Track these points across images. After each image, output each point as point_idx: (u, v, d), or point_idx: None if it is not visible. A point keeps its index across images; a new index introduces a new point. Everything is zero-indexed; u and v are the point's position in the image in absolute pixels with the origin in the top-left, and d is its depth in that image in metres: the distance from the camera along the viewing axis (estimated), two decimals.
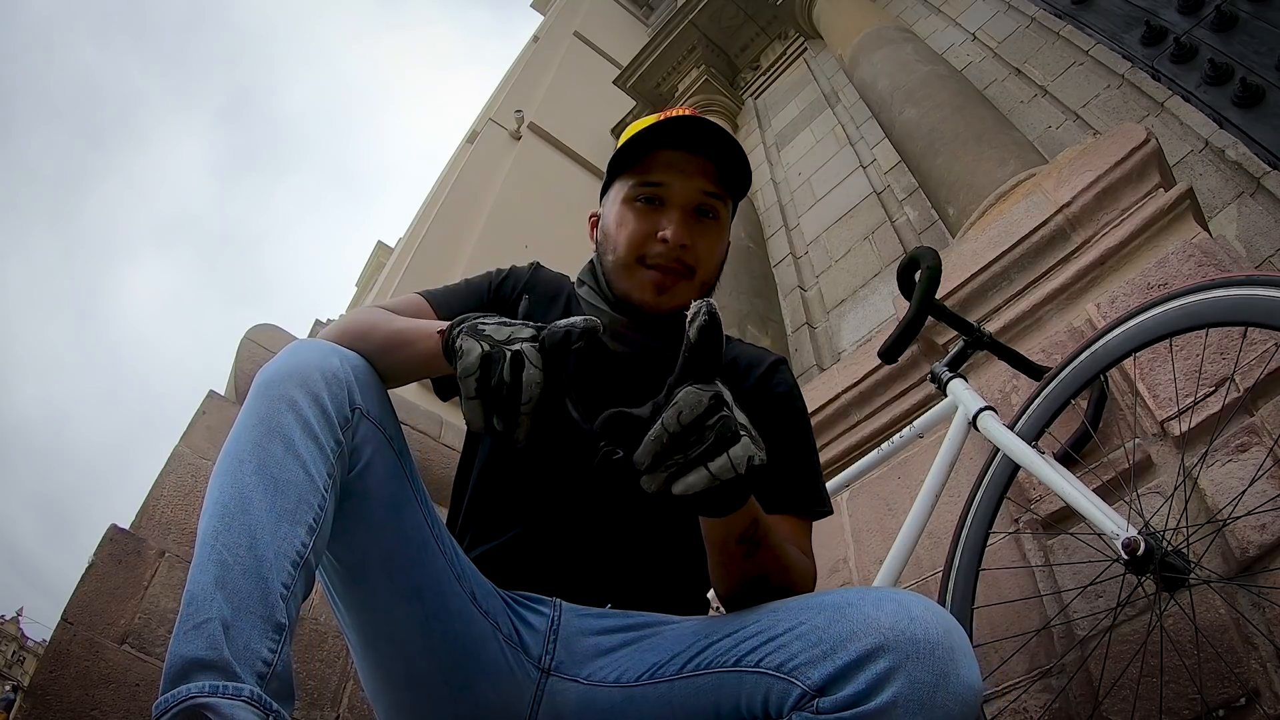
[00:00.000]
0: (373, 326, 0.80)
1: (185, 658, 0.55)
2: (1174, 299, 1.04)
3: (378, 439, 0.73)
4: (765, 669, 0.63)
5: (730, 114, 4.57)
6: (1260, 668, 0.98)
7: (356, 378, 0.73)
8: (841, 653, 0.58)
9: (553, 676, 0.75)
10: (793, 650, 0.61)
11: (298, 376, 0.69)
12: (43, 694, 1.19)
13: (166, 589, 1.41)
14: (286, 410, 0.67)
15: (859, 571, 1.63)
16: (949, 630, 0.59)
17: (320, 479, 0.66)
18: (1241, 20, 2.27)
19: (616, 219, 0.89)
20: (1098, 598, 1.16)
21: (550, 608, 0.79)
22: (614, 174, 0.92)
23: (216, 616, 0.57)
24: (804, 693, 0.59)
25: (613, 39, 6.82)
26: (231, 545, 0.61)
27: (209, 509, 0.64)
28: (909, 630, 0.58)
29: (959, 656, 0.58)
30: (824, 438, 2.02)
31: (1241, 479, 1.08)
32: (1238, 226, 2.02)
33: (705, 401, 0.58)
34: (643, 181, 0.87)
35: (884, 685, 0.56)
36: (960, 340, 1.39)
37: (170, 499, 1.56)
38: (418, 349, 0.76)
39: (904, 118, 2.82)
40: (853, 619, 0.60)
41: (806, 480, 0.88)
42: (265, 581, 0.60)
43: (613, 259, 0.89)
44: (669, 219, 0.85)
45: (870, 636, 0.58)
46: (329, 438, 0.68)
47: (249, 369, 1.92)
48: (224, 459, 0.67)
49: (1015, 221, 1.80)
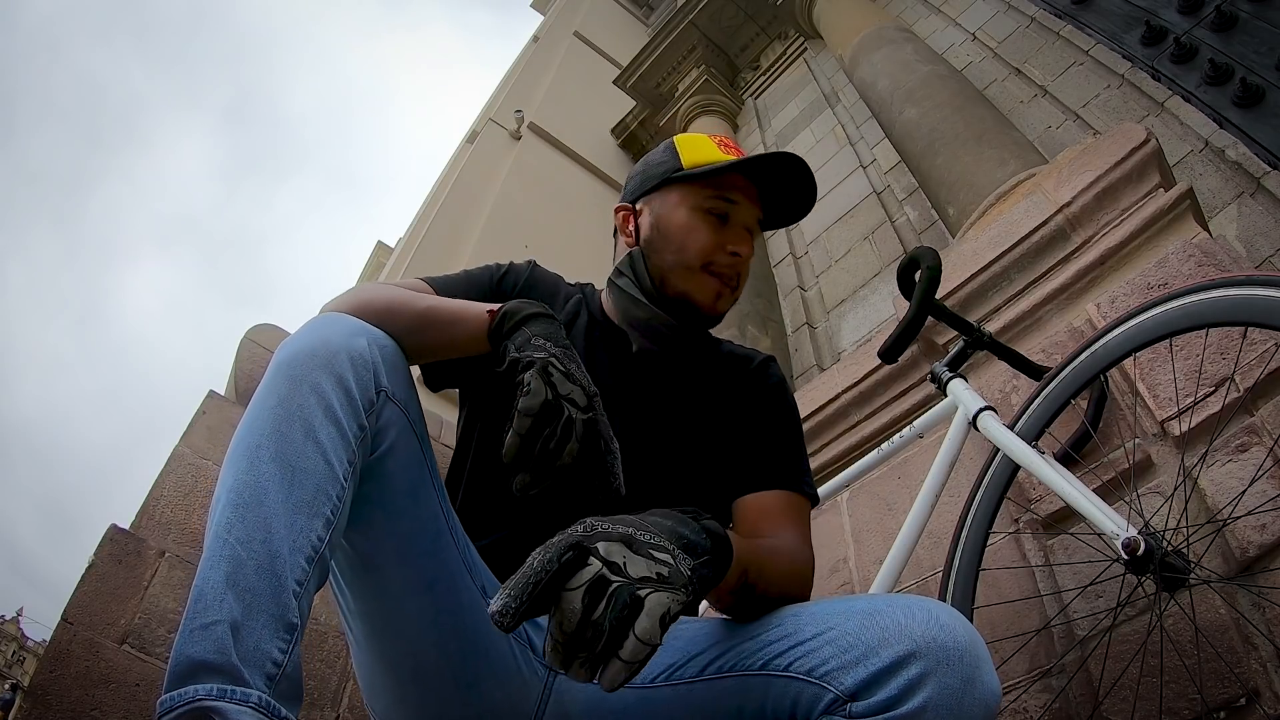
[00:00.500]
0: (400, 303, 0.79)
1: (191, 659, 0.54)
2: (1174, 299, 1.04)
3: (402, 422, 0.72)
4: (795, 673, 0.63)
5: (730, 114, 4.58)
6: (1260, 668, 0.98)
7: (384, 358, 0.71)
8: (874, 659, 0.59)
9: (561, 675, 0.74)
10: (824, 655, 0.62)
11: (322, 356, 0.67)
12: (43, 694, 1.19)
13: (167, 589, 1.41)
14: (309, 392, 0.65)
15: (859, 571, 1.63)
16: (974, 639, 0.60)
17: (340, 467, 0.65)
18: (1241, 20, 2.27)
19: (685, 224, 0.91)
20: (1098, 598, 1.16)
21: None
22: (674, 180, 0.94)
23: (225, 619, 0.55)
24: (836, 697, 0.60)
25: (613, 39, 6.82)
26: (245, 539, 0.59)
27: (223, 498, 0.62)
28: (940, 638, 0.59)
29: (982, 664, 0.59)
30: (824, 438, 2.02)
31: (1241, 479, 1.07)
32: (1238, 226, 2.02)
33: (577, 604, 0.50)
34: (720, 196, 0.91)
35: (915, 691, 0.57)
36: (960, 340, 1.39)
37: (170, 499, 1.56)
38: (458, 330, 0.77)
39: (904, 118, 2.82)
40: (885, 625, 0.60)
41: (794, 461, 0.91)
42: (279, 579, 0.58)
43: (675, 260, 0.91)
44: (737, 236, 0.92)
45: (902, 643, 0.59)
46: (352, 422, 0.66)
47: (249, 369, 1.91)
48: (240, 442, 0.65)
49: (1015, 221, 1.80)
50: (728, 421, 0.91)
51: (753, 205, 0.93)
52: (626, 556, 0.53)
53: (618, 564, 0.52)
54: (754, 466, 0.88)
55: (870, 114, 3.38)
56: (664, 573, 0.54)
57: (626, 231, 0.96)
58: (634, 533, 0.55)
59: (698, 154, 0.93)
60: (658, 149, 1.00)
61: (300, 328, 0.72)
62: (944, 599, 1.17)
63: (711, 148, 0.93)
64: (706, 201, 0.91)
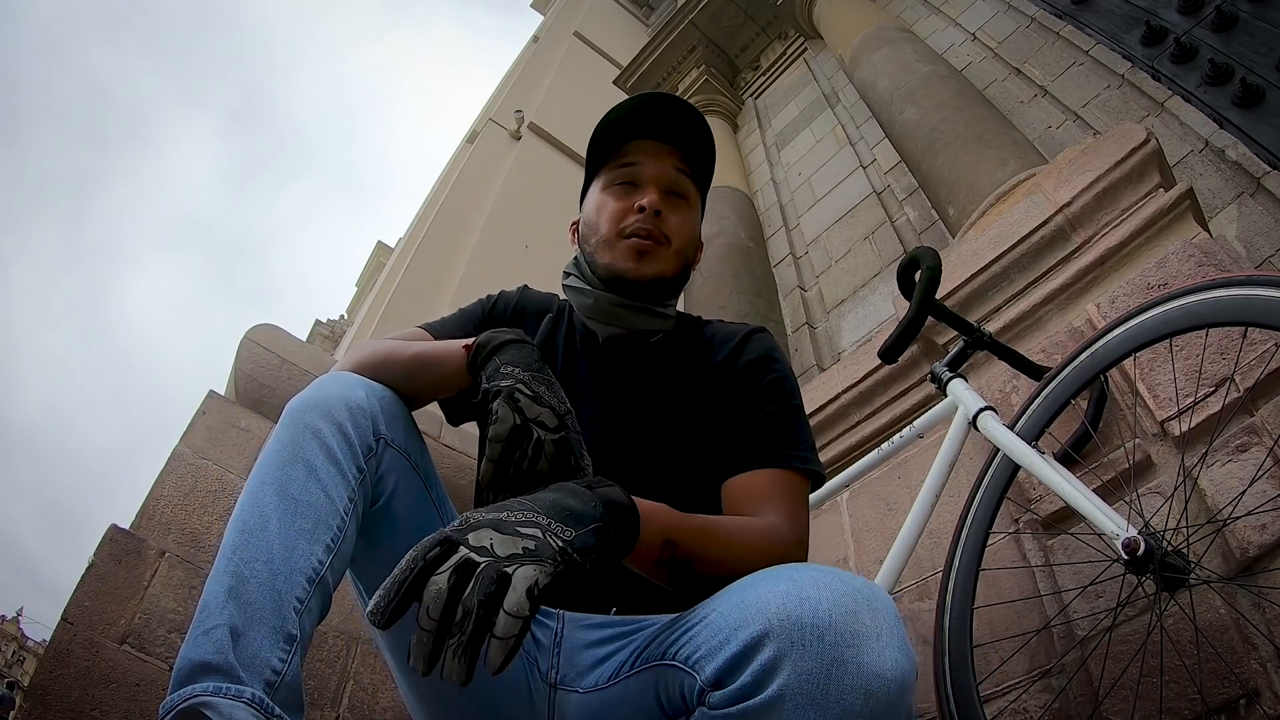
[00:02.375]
0: (392, 354, 0.84)
1: (192, 660, 0.57)
2: (1174, 299, 1.04)
3: (402, 466, 0.77)
4: (677, 661, 0.60)
5: (730, 114, 4.57)
6: (1260, 668, 0.98)
7: (382, 408, 0.76)
8: (732, 642, 0.54)
9: (559, 690, 0.76)
10: (698, 641, 0.58)
11: (322, 406, 0.73)
12: (43, 694, 1.19)
13: (166, 589, 1.41)
14: (310, 437, 0.71)
15: (859, 572, 1.63)
16: (851, 610, 0.52)
17: (340, 502, 0.69)
18: (1241, 20, 2.27)
19: (596, 205, 0.95)
20: (1098, 598, 1.16)
21: (554, 620, 0.80)
22: (590, 175, 0.99)
23: (226, 623, 0.59)
24: (701, 688, 0.56)
25: (613, 39, 6.82)
26: (248, 559, 0.64)
27: (231, 526, 0.67)
28: (795, 613, 0.52)
29: (862, 641, 0.51)
30: (824, 438, 2.02)
31: (1241, 479, 1.07)
32: (1238, 226, 2.02)
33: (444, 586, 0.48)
34: (617, 165, 0.94)
35: (770, 677, 0.51)
36: (960, 340, 1.39)
37: (170, 499, 1.56)
38: (442, 368, 0.81)
39: (904, 118, 2.82)
40: (749, 602, 0.55)
41: (783, 435, 0.86)
42: (279, 595, 0.62)
43: (596, 239, 0.93)
44: (644, 192, 0.92)
45: (757, 622, 0.53)
46: (351, 465, 0.71)
47: (249, 369, 1.91)
48: (250, 482, 0.71)
49: (1015, 221, 1.80)
50: (712, 402, 0.90)
51: (664, 159, 0.93)
52: (493, 538, 0.52)
53: (485, 547, 0.51)
54: (737, 446, 0.85)
55: (870, 114, 3.38)
56: (530, 546, 0.52)
57: (574, 243, 1.01)
58: (503, 515, 0.54)
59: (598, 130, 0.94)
60: None
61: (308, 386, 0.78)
62: (944, 599, 1.17)
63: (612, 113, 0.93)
64: (612, 176, 0.94)
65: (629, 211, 0.91)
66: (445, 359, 0.81)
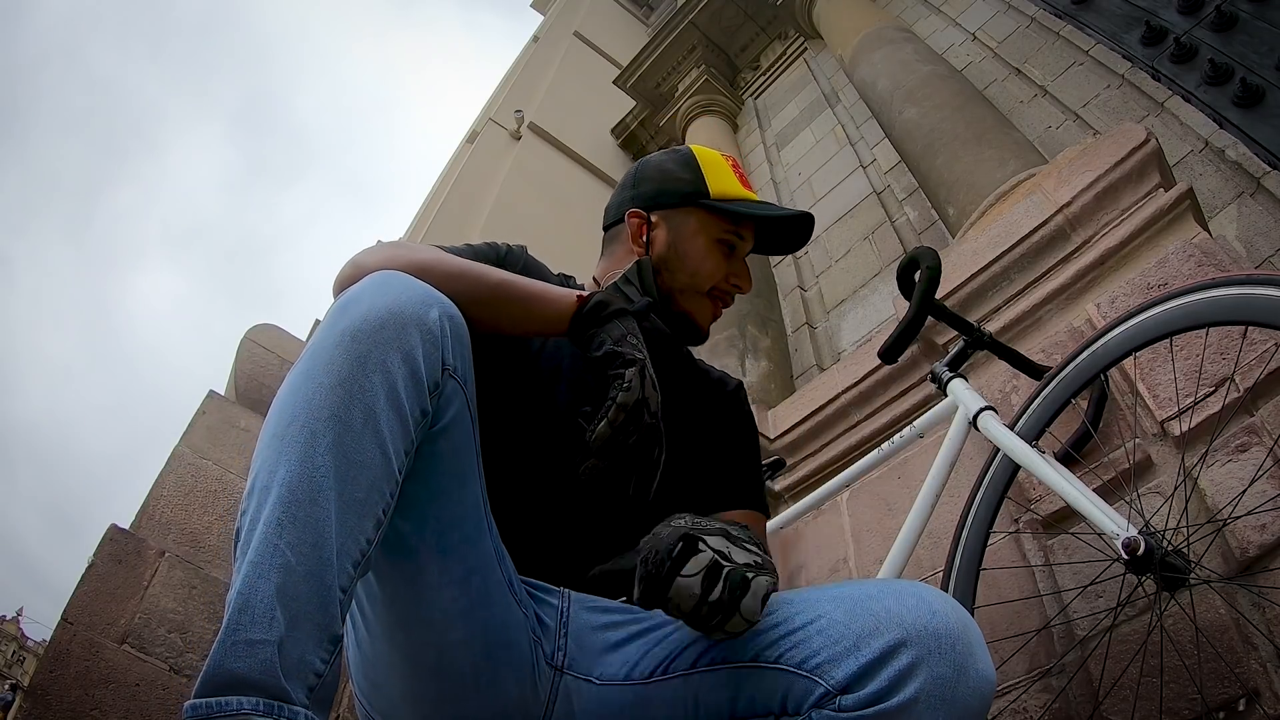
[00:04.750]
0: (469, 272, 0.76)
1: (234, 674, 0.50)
2: (1174, 298, 1.04)
3: (460, 400, 0.68)
4: (785, 665, 0.62)
5: (730, 114, 4.57)
6: (1260, 668, 0.98)
7: (452, 330, 0.67)
8: (865, 649, 0.58)
9: (565, 675, 0.72)
10: (814, 646, 0.61)
11: (392, 328, 0.62)
12: (43, 694, 1.19)
13: (166, 589, 1.41)
14: (375, 372, 0.60)
15: (859, 572, 1.63)
16: (966, 624, 0.59)
17: (397, 460, 0.61)
18: (1241, 20, 2.27)
19: (703, 250, 0.97)
20: (1098, 598, 1.16)
21: (559, 598, 0.77)
22: (698, 206, 0.98)
23: (274, 639, 0.52)
24: (827, 691, 0.59)
25: (613, 39, 6.82)
26: (296, 543, 0.54)
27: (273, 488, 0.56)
28: (930, 624, 0.58)
29: (976, 650, 0.59)
30: (824, 438, 2.02)
31: (1241, 479, 1.07)
32: (1238, 226, 2.02)
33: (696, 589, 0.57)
34: (734, 232, 0.98)
35: (907, 681, 0.56)
36: (960, 340, 1.39)
37: (170, 499, 1.56)
38: (545, 309, 0.77)
39: (904, 118, 2.82)
40: (875, 613, 0.60)
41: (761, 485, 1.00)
42: (326, 589, 0.55)
43: (687, 283, 0.96)
44: (740, 269, 1.00)
45: (892, 631, 0.58)
46: (415, 407, 0.62)
47: (249, 369, 1.92)
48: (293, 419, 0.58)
49: (1015, 221, 1.80)
50: (706, 439, 0.96)
51: (752, 240, 1.01)
52: (728, 547, 0.59)
53: (724, 552, 0.58)
54: (731, 485, 0.95)
55: (870, 114, 3.38)
56: (759, 560, 0.60)
57: (639, 240, 0.97)
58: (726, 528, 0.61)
59: (722, 184, 0.99)
60: (675, 159, 1.01)
61: (361, 286, 0.66)
62: None
63: (733, 179, 1.00)
64: (722, 234, 0.97)
65: (727, 275, 0.97)
66: (552, 301, 0.76)
